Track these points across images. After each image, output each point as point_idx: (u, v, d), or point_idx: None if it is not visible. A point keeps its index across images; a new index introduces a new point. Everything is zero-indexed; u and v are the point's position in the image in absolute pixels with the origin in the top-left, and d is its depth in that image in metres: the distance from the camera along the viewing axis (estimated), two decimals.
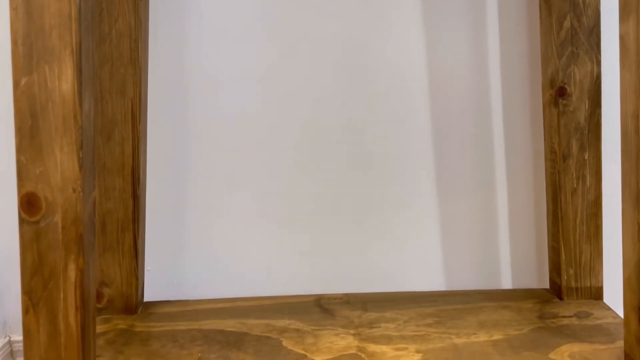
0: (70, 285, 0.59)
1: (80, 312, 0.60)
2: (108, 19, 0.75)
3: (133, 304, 0.82)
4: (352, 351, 0.72)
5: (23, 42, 0.54)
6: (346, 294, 0.86)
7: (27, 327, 0.60)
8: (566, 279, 0.84)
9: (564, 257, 0.83)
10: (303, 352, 0.72)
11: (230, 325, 0.80)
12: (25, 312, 0.60)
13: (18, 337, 0.92)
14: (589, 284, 0.84)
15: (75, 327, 0.60)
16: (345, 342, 0.75)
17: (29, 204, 0.58)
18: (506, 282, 0.92)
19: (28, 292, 0.59)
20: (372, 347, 0.73)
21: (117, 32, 0.75)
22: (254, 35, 0.86)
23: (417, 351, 0.72)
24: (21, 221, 0.58)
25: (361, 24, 0.87)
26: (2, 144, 0.84)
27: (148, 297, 0.89)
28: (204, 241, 0.91)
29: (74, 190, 0.58)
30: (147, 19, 0.80)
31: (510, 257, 0.93)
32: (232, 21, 0.86)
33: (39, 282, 0.59)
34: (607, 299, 0.84)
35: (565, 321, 0.79)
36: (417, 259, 0.93)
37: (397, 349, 0.72)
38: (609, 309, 0.82)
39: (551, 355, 0.70)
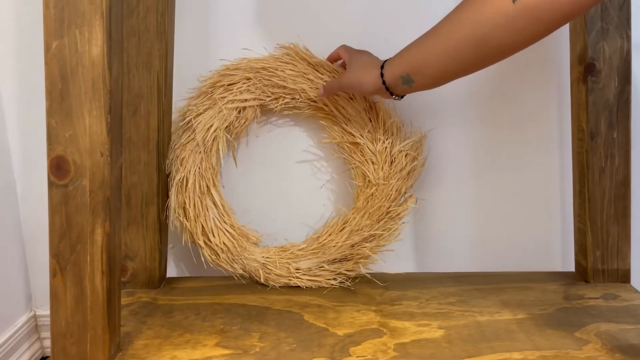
0: (97, 249, 0.60)
1: (106, 276, 0.61)
2: None
3: (156, 278, 0.83)
4: (374, 326, 0.72)
5: (55, 5, 0.55)
6: (368, 273, 0.86)
7: (54, 290, 0.61)
8: (592, 261, 0.82)
9: (590, 239, 0.82)
10: (324, 325, 0.72)
11: (252, 299, 0.80)
12: (53, 275, 0.61)
13: (43, 311, 0.93)
14: (615, 267, 0.82)
15: (101, 291, 0.61)
16: (366, 317, 0.74)
17: (58, 168, 0.58)
18: (530, 264, 0.91)
19: (56, 255, 0.60)
20: (394, 323, 0.73)
21: (145, 5, 0.75)
22: (281, 16, 0.86)
23: (440, 327, 0.71)
24: (50, 184, 0.59)
25: None
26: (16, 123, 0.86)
27: (169, 274, 0.90)
28: None
29: (102, 155, 0.58)
30: None
31: (534, 239, 0.92)
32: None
33: (66, 245, 0.60)
34: (634, 281, 0.83)
35: (592, 302, 0.77)
36: (440, 240, 0.92)
37: (419, 325, 0.72)
38: (636, 291, 0.80)
39: (577, 334, 0.69)
